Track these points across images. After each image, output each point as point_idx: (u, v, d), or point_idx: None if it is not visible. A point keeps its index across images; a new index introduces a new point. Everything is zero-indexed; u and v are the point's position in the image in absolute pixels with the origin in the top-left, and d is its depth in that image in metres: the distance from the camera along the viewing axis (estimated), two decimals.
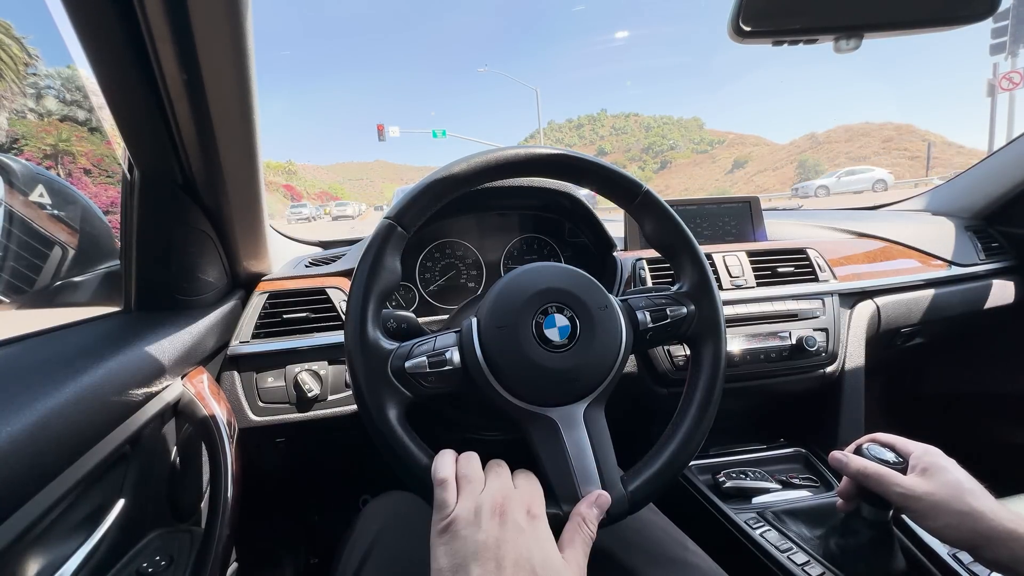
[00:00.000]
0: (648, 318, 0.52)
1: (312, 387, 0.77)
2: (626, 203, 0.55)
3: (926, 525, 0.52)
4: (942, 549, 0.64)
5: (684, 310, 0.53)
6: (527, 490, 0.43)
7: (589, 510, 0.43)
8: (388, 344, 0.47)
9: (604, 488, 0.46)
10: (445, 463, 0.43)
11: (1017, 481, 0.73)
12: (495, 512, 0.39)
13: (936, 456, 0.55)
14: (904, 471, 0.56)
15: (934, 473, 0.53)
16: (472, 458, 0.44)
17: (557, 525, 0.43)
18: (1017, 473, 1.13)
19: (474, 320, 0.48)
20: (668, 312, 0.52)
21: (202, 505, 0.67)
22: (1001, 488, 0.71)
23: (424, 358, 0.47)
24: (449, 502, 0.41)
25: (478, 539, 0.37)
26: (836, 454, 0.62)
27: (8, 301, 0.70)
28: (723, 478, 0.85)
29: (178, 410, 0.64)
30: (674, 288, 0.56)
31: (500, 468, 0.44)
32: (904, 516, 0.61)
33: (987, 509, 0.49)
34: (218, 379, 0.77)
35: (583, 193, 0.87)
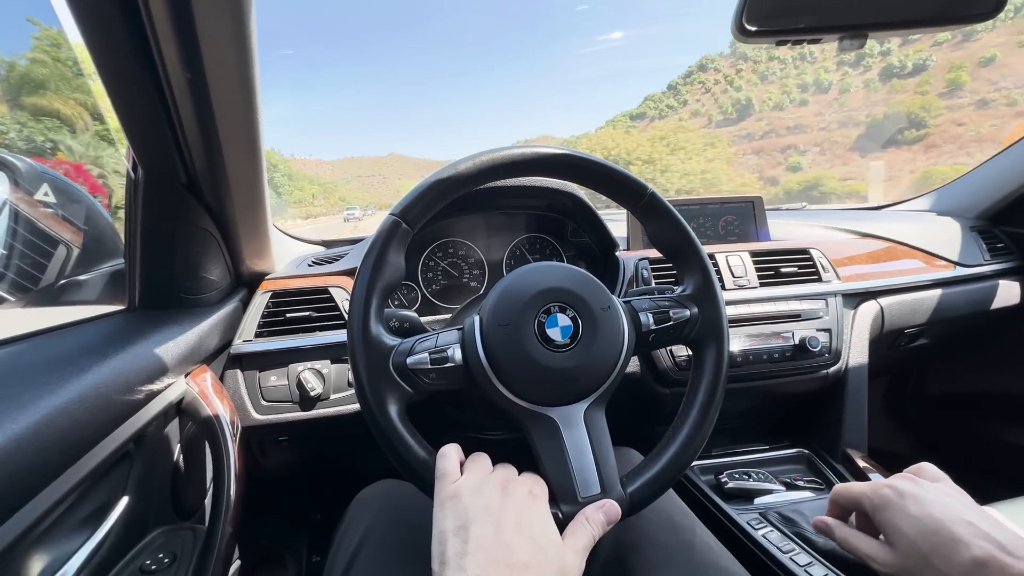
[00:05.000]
0: (651, 320, 0.52)
1: (315, 386, 0.77)
2: (631, 204, 0.55)
3: None
4: None
5: (687, 313, 0.53)
6: (531, 477, 0.45)
7: (596, 513, 0.43)
8: (390, 340, 0.48)
9: (603, 489, 0.46)
10: (450, 448, 0.45)
11: (1022, 482, 0.73)
12: (499, 485, 0.41)
13: (891, 511, 0.44)
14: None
15: (894, 536, 0.44)
16: (482, 454, 0.46)
17: (556, 524, 0.43)
18: (1022, 475, 1.13)
19: (476, 318, 0.48)
20: (671, 315, 0.52)
21: (205, 503, 0.68)
22: (1006, 490, 0.70)
23: (426, 354, 0.47)
24: (452, 472, 0.42)
25: (479, 503, 0.39)
26: (818, 521, 0.53)
27: (13, 299, 0.71)
28: (725, 478, 0.85)
29: (181, 408, 0.64)
30: (677, 291, 0.55)
31: (506, 464, 0.45)
32: None
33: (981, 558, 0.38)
34: (221, 378, 0.78)
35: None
